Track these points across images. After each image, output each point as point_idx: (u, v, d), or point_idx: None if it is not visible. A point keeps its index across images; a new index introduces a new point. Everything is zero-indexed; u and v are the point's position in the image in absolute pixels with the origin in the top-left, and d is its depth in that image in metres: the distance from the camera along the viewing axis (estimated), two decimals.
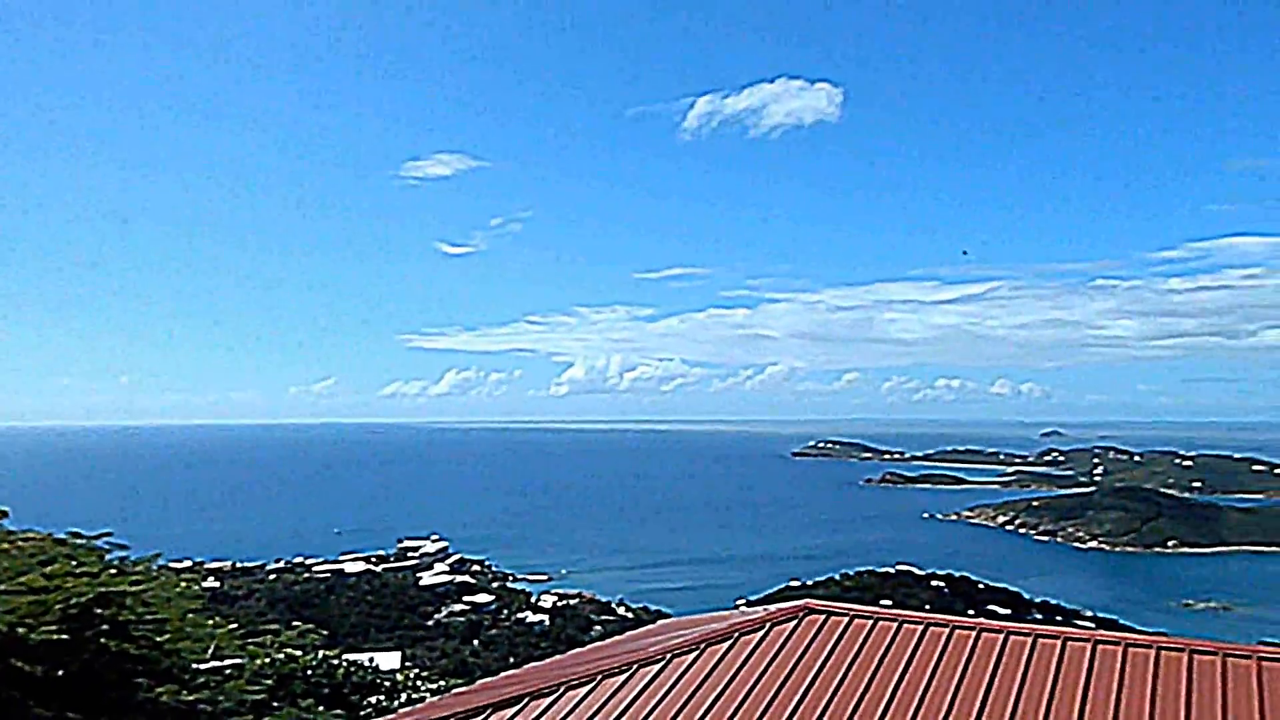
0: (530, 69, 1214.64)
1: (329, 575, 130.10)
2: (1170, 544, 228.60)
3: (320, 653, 16.01)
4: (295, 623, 17.71)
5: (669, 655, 11.36)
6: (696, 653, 11.41)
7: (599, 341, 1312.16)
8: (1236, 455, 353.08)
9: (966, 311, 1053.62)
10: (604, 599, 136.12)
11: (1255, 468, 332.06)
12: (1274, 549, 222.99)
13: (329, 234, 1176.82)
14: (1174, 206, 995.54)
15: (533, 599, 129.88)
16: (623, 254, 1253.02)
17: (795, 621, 12.05)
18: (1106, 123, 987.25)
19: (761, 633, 11.80)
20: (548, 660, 13.57)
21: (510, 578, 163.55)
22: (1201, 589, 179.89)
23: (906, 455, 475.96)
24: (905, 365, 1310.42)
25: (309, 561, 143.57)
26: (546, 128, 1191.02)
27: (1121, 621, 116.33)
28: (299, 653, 15.43)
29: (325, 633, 17.87)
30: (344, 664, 16.07)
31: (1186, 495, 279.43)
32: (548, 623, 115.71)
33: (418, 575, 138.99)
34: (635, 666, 11.16)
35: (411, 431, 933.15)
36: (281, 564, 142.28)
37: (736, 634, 11.75)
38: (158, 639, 11.59)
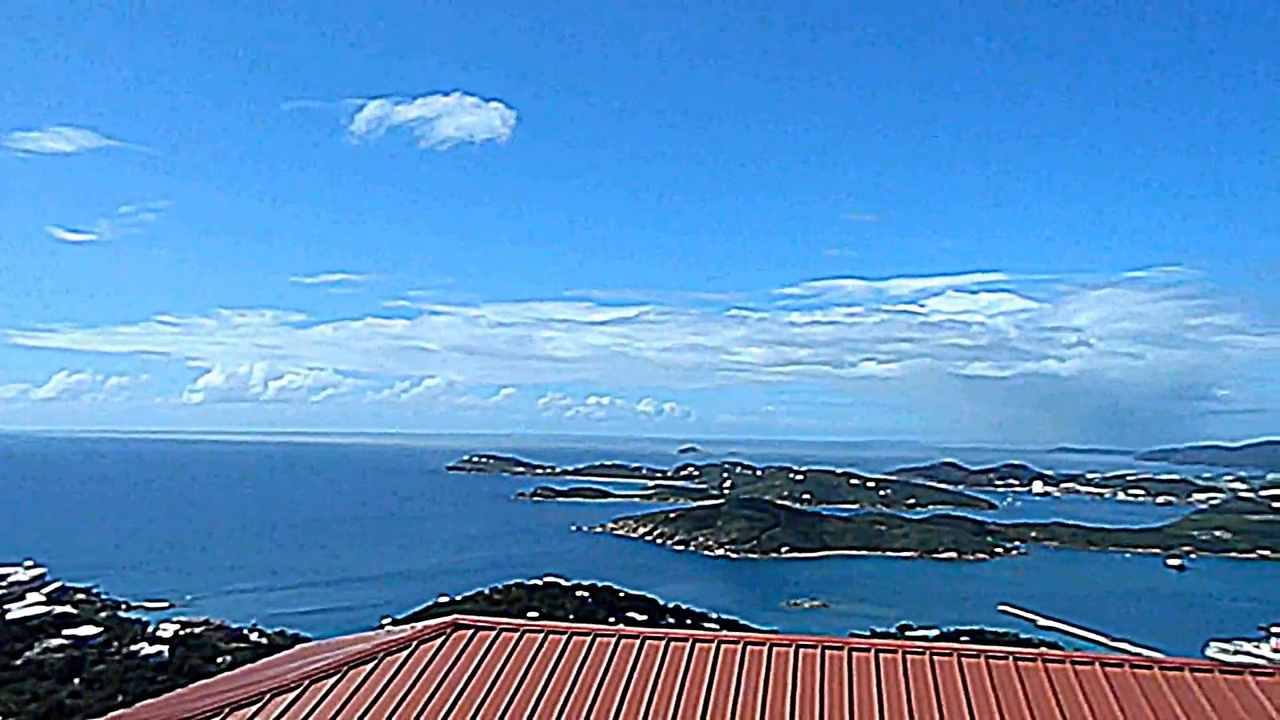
0: (174, 43, 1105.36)
1: None
2: (784, 550, 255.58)
3: None
4: None
5: (307, 681, 10.77)
6: (338, 676, 10.93)
7: (242, 346, 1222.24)
8: (838, 470, 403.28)
9: (618, 333, 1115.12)
10: (235, 625, 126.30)
11: (852, 481, 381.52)
12: (865, 552, 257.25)
13: None
14: (798, 248, 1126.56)
15: (149, 629, 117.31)
16: (275, 255, 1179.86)
17: (442, 638, 11.96)
18: (748, 163, 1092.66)
19: (407, 651, 11.58)
20: (165, 696, 12.28)
21: (123, 606, 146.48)
22: (807, 589, 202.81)
23: (558, 470, 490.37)
24: (560, 382, 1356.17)
25: None
26: (190, 110, 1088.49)
27: (742, 621, 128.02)
28: None
29: None
30: None
31: (798, 506, 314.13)
32: (167, 654, 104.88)
33: (4, 608, 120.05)
34: (268, 696, 10.46)
35: (6, 441, 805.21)
36: None
37: (381, 654, 11.42)
38: None
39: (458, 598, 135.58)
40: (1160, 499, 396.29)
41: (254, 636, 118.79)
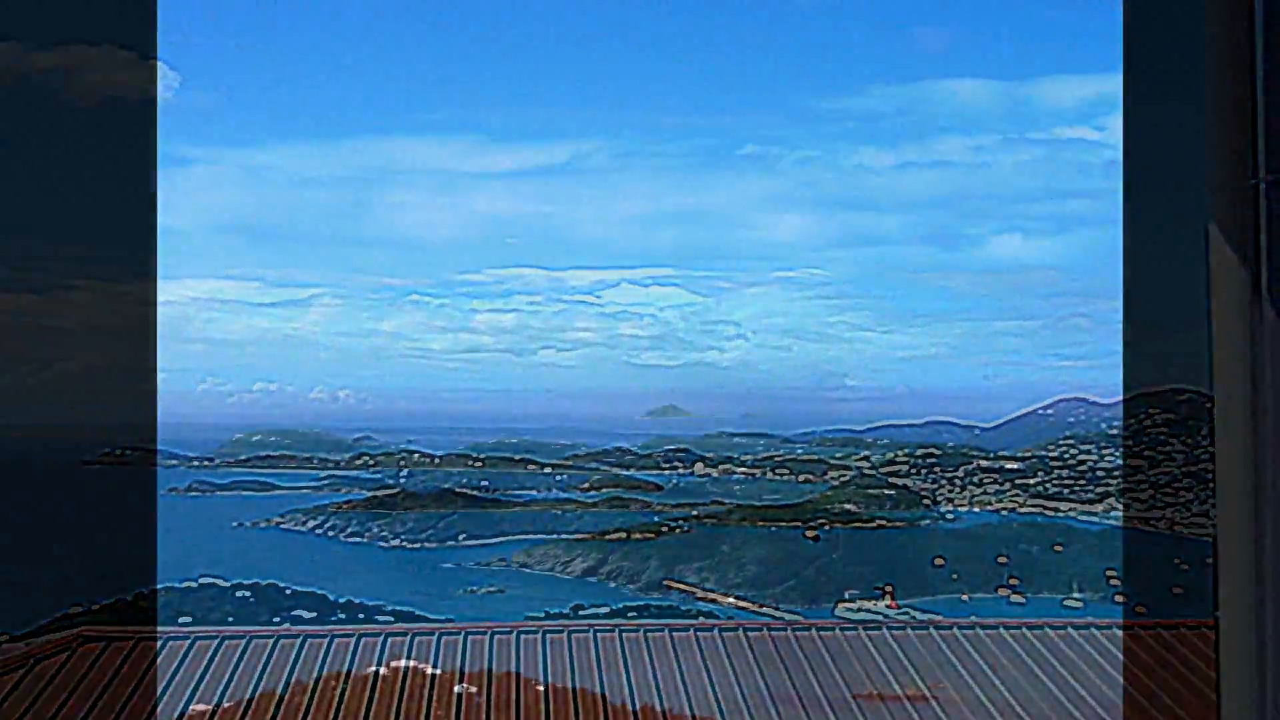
0: None
1: None
2: (462, 537, 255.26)
3: None
4: None
5: None
6: None
7: None
8: (517, 456, 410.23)
9: (288, 316, 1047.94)
10: None
11: (530, 466, 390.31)
12: (540, 535, 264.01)
13: None
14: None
15: None
16: None
17: (67, 653, 10.72)
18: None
19: (22, 671, 10.25)
20: None
21: None
22: (484, 577, 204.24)
23: (217, 462, 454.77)
24: (221, 367, 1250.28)
25: None
26: None
27: (418, 613, 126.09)
28: None
29: None
30: None
31: (476, 493, 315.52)
32: None
33: None
34: None
35: None
36: None
37: None
38: None
39: (94, 608, 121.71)
40: (802, 477, 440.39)
41: None
